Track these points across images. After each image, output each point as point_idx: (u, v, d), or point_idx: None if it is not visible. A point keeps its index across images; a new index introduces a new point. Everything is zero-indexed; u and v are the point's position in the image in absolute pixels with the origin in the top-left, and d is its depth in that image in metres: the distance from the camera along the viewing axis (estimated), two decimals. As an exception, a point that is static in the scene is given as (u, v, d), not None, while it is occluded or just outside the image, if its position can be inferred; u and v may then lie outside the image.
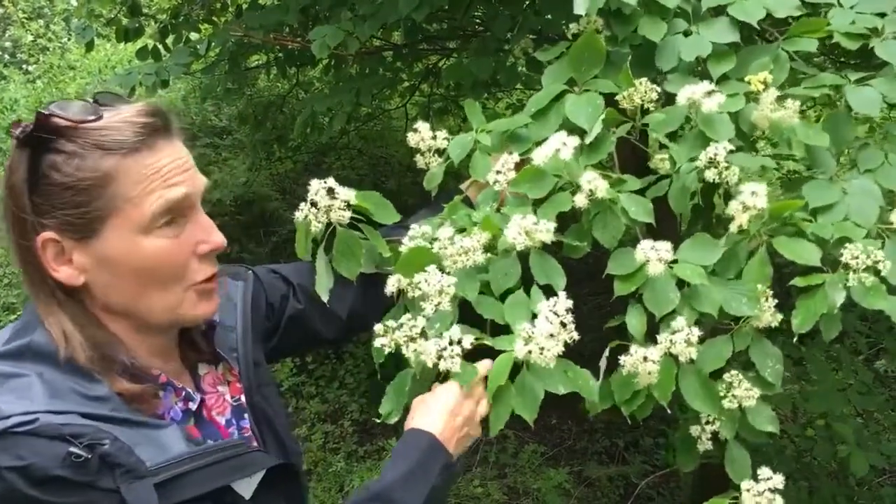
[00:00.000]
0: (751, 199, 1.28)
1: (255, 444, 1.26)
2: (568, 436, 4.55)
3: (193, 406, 1.16)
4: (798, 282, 1.31)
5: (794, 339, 1.29)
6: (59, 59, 7.28)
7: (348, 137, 5.88)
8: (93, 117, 1.07)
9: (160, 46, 3.96)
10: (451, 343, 1.23)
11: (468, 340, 1.24)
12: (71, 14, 7.30)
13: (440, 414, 1.24)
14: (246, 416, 1.28)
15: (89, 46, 4.06)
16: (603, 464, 4.36)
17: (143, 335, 1.15)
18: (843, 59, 2.50)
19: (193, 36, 4.07)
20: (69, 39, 7.48)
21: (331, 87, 3.80)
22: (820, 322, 1.27)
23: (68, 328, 1.06)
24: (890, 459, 3.02)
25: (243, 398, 1.28)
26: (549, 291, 1.33)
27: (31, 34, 7.67)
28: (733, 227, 1.31)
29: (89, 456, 0.94)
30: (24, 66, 7.27)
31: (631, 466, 4.26)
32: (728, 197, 1.36)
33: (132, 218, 1.06)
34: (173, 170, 1.09)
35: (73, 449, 0.94)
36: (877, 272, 1.25)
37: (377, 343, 1.26)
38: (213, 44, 3.60)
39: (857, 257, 1.26)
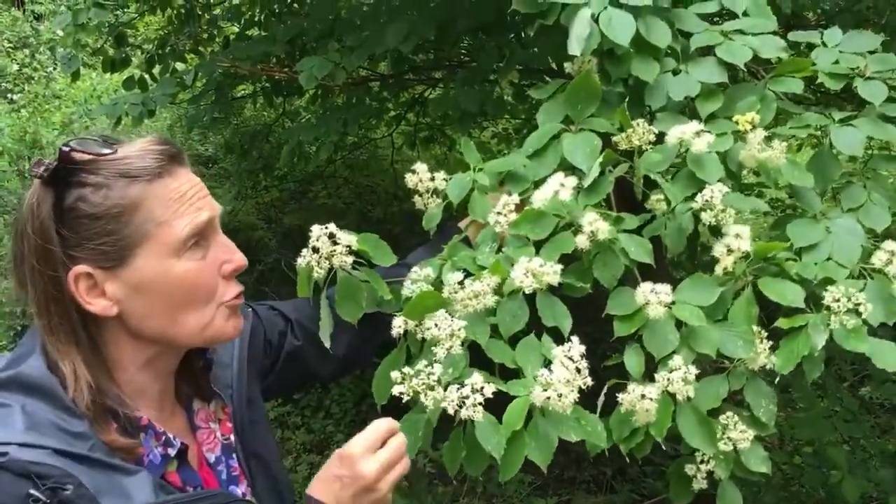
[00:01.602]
0: (735, 242, 1.32)
1: (242, 485, 1.26)
2: (555, 465, 4.53)
3: (172, 452, 1.14)
4: (782, 323, 1.33)
5: (776, 381, 1.30)
6: (44, 88, 7.27)
7: (334, 166, 5.88)
8: (110, 150, 1.10)
9: (147, 76, 3.96)
10: (472, 391, 1.22)
11: (489, 389, 1.23)
12: (56, 43, 7.29)
13: (340, 484, 1.18)
14: (235, 455, 1.27)
15: (75, 76, 4.05)
16: (591, 493, 4.34)
17: (150, 368, 1.15)
18: (824, 92, 2.54)
19: (180, 66, 4.08)
20: (54, 69, 7.47)
21: (317, 117, 3.81)
22: (803, 363, 1.28)
23: (80, 370, 1.07)
24: (878, 487, 3.02)
25: (233, 437, 1.28)
26: (554, 333, 1.35)
27: (17, 63, 7.66)
28: (718, 270, 1.33)
29: (48, 501, 0.94)
30: (8, 95, 7.25)
31: (619, 495, 4.24)
32: (716, 231, 1.38)
33: (163, 242, 1.09)
34: (196, 194, 1.13)
35: (33, 491, 0.94)
36: (858, 314, 1.27)
37: (395, 391, 1.25)
38: (199, 74, 3.61)
39: (838, 300, 1.28)
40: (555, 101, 1.61)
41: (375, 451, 1.18)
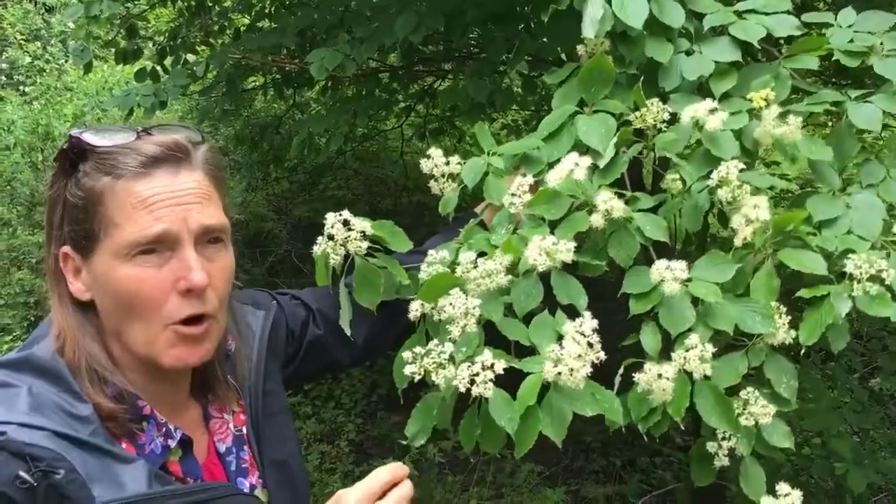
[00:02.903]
0: (753, 212, 1.31)
1: (252, 476, 1.26)
2: (565, 455, 4.54)
3: (172, 443, 1.14)
4: (804, 293, 1.32)
5: (800, 354, 1.30)
6: (56, 80, 7.30)
7: (344, 158, 5.90)
8: (108, 143, 1.11)
9: (158, 68, 3.98)
10: (483, 368, 1.22)
11: (500, 366, 1.22)
12: (68, 36, 7.33)
13: None
14: (246, 447, 1.28)
15: (87, 68, 4.07)
16: (600, 483, 4.35)
17: (144, 364, 1.14)
18: (835, 80, 2.54)
19: (191, 58, 4.09)
20: (66, 61, 7.50)
21: (327, 109, 3.82)
22: (827, 333, 1.28)
23: (69, 332, 1.11)
24: (886, 477, 3.02)
25: (245, 429, 1.28)
26: (569, 311, 1.35)
27: (29, 55, 7.69)
28: (738, 241, 1.32)
29: (35, 484, 0.95)
30: (21, 88, 7.28)
31: (628, 485, 4.25)
32: (723, 217, 1.37)
33: (114, 242, 1.08)
34: (162, 202, 1.09)
35: (22, 473, 0.95)
36: (881, 281, 1.27)
37: (407, 370, 1.25)
38: (210, 66, 3.62)
39: (860, 267, 1.27)
40: (569, 84, 1.61)
41: (374, 500, 1.13)
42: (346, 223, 1.39)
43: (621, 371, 1.35)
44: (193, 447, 1.18)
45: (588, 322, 1.25)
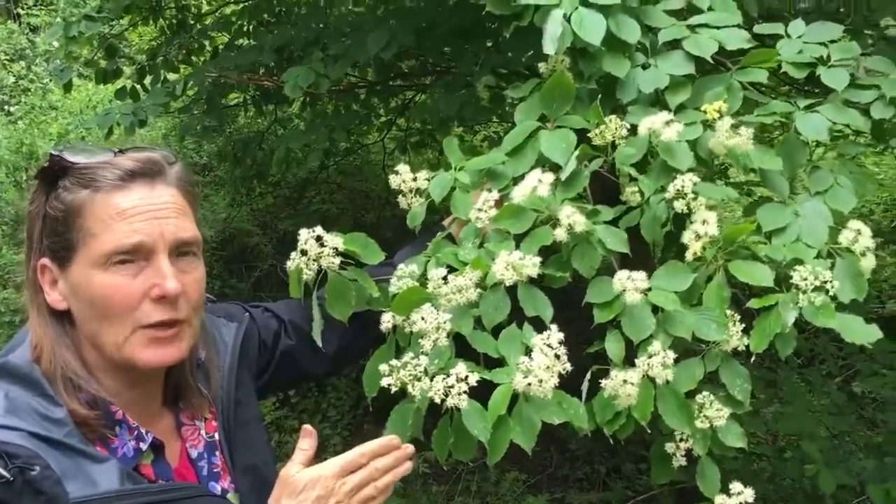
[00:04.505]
0: (702, 228, 1.36)
1: (224, 481, 1.30)
2: (549, 463, 4.57)
3: (144, 446, 1.18)
4: (754, 303, 1.38)
5: (752, 360, 1.34)
6: (40, 99, 7.32)
7: (327, 172, 5.93)
8: (87, 160, 1.18)
9: (138, 87, 4.01)
10: (457, 380, 1.27)
11: (474, 378, 1.27)
12: (52, 55, 7.34)
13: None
14: (218, 452, 1.32)
15: (67, 87, 4.10)
16: (584, 490, 4.37)
17: (118, 368, 1.19)
18: (792, 83, 2.59)
19: (171, 76, 4.12)
20: (50, 80, 7.51)
21: (306, 125, 3.86)
22: (775, 340, 1.32)
23: (46, 342, 1.16)
24: (859, 476, 3.07)
25: (217, 435, 1.32)
26: (536, 322, 1.40)
27: (13, 75, 7.71)
28: (689, 256, 1.38)
29: (11, 479, 1.00)
30: (5, 107, 7.29)
31: (612, 492, 4.27)
32: (681, 226, 1.42)
33: (91, 252, 1.15)
34: (140, 214, 1.15)
35: (0, 469, 1.00)
36: (826, 291, 1.32)
37: (384, 382, 1.29)
38: (190, 83, 3.66)
39: (805, 279, 1.32)
40: (531, 100, 1.66)
41: (343, 475, 1.16)
42: (319, 239, 1.43)
43: (588, 377, 1.40)
44: (165, 452, 1.23)
45: (555, 334, 1.31)
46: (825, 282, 1.32)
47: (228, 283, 5.62)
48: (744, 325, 1.40)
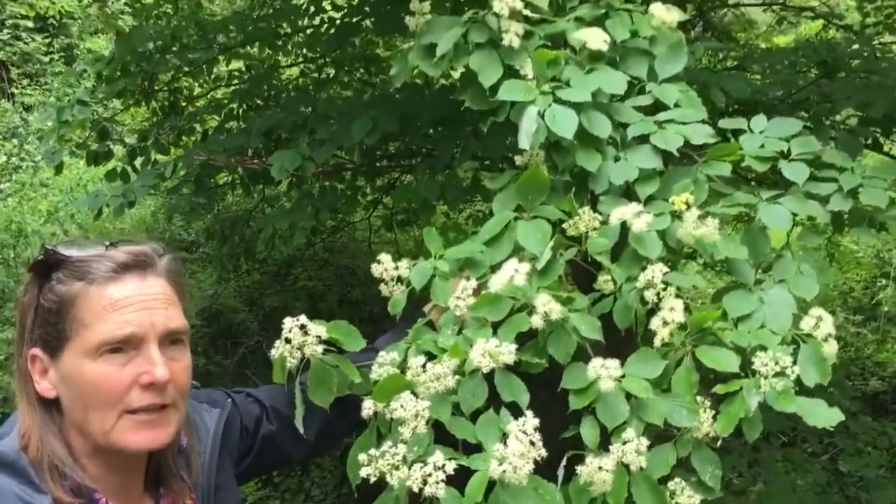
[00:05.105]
0: (669, 315, 1.41)
1: None
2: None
3: None
4: (719, 389, 1.42)
5: (718, 444, 1.38)
6: (31, 177, 7.40)
7: (314, 249, 5.99)
8: (81, 253, 1.23)
9: (128, 168, 4.09)
10: (435, 469, 1.29)
11: (451, 466, 1.29)
12: (45, 135, 7.42)
13: None
14: None
15: (58, 170, 4.18)
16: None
17: (103, 454, 1.22)
18: (755, 175, 2.68)
19: (161, 157, 4.20)
20: (42, 158, 7.58)
21: (292, 205, 3.95)
22: (742, 424, 1.36)
23: (34, 431, 1.19)
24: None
25: None
26: (513, 406, 1.43)
27: (5, 154, 7.78)
28: (657, 342, 1.43)
29: None
30: (-4, 186, 7.34)
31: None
32: (652, 313, 1.47)
33: (82, 342, 1.19)
34: (132, 305, 1.21)
35: None
36: (787, 376, 1.36)
37: (363, 473, 1.31)
38: (179, 165, 3.74)
39: (766, 364, 1.37)
40: (508, 191, 1.72)
41: None
42: (303, 327, 1.47)
43: (564, 462, 1.43)
44: None
45: (530, 421, 1.33)
46: (785, 367, 1.36)
47: (213, 359, 5.60)
48: (715, 412, 1.43)
